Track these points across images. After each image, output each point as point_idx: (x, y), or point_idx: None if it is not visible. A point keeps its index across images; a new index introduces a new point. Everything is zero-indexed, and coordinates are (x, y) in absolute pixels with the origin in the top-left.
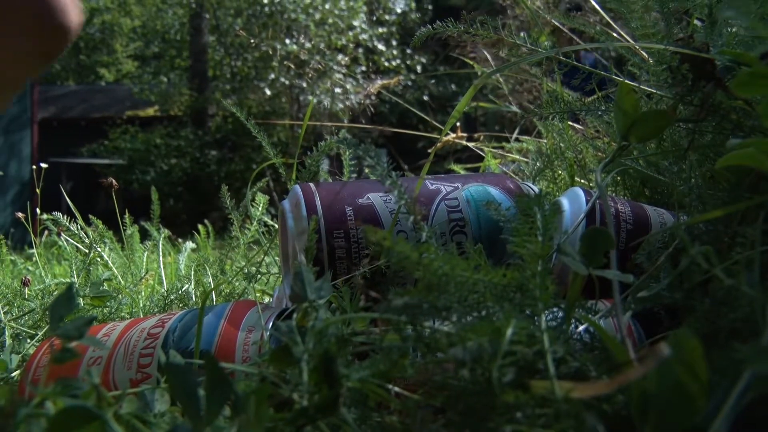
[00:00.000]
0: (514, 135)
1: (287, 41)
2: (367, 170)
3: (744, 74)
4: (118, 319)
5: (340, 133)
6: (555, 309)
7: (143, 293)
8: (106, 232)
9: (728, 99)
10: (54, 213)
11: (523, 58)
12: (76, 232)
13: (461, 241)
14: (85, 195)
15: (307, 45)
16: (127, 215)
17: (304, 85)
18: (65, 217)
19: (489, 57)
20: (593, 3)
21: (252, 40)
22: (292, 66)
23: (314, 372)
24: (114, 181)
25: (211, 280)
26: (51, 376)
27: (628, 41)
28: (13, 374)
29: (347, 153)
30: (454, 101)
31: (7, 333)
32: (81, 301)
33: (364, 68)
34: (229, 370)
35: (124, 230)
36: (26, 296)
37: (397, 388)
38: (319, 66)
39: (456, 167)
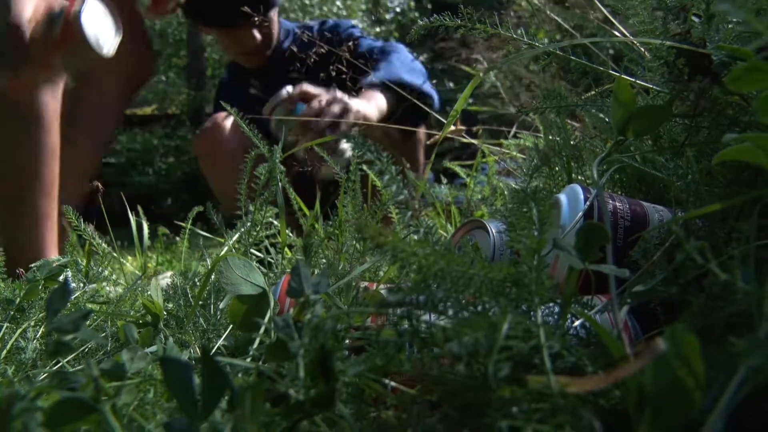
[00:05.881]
0: (513, 131)
1: None
2: (365, 167)
3: (739, 69)
4: None
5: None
6: (551, 304)
7: None
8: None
9: (724, 94)
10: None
11: (521, 52)
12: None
13: None
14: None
15: None
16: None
17: None
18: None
19: (482, 59)
20: None
21: None
22: None
23: (310, 367)
24: (100, 185)
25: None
26: None
27: (626, 36)
28: None
29: (354, 150)
30: (452, 99)
31: None
32: None
33: None
34: (227, 362)
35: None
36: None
37: (393, 383)
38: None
39: (453, 165)
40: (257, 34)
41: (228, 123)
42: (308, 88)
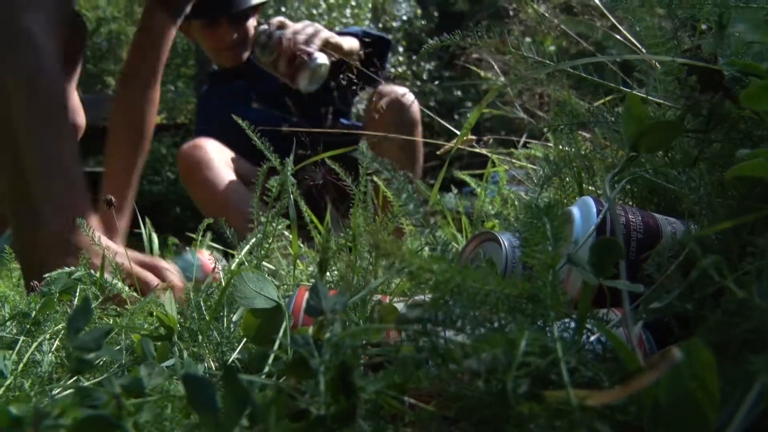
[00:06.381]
0: (522, 140)
1: None
2: (378, 181)
3: (755, 87)
4: None
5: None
6: (566, 320)
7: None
8: None
9: (737, 108)
10: None
11: (535, 71)
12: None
13: None
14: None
15: None
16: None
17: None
18: None
19: (494, 65)
20: (599, 5)
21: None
22: None
23: (331, 383)
24: (113, 198)
25: None
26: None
27: (635, 45)
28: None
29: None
30: (459, 107)
31: None
32: None
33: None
34: (250, 379)
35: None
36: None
37: (411, 400)
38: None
39: (463, 175)
40: (234, 32)
41: (208, 144)
42: (285, 20)
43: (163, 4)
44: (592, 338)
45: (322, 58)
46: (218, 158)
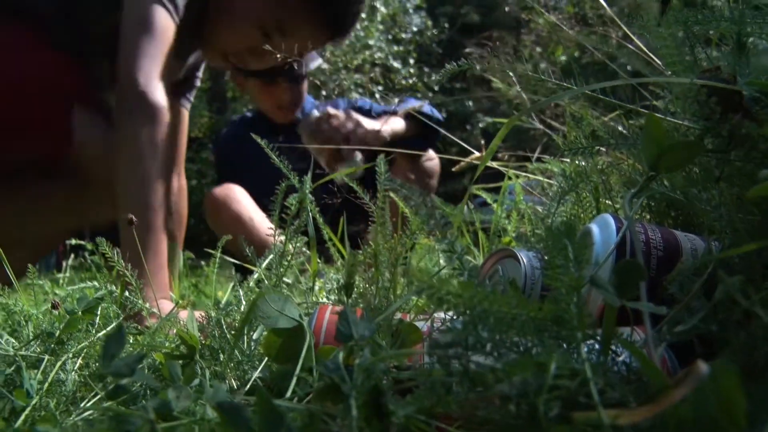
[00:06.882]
0: (536, 154)
1: None
2: (406, 208)
3: None
4: None
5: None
6: (591, 341)
7: None
8: None
9: (758, 127)
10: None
11: (555, 96)
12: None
13: None
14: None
15: (325, 65)
16: None
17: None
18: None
19: (510, 74)
20: (613, 15)
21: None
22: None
23: (363, 407)
24: (133, 217)
25: None
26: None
27: (648, 56)
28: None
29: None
30: (472, 119)
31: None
32: None
33: (381, 87)
34: (281, 404)
35: None
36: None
37: (440, 424)
38: (337, 86)
39: (478, 190)
40: (291, 92)
41: (235, 187)
42: (332, 111)
43: (171, 93)
44: (619, 359)
45: (357, 158)
46: (245, 198)
